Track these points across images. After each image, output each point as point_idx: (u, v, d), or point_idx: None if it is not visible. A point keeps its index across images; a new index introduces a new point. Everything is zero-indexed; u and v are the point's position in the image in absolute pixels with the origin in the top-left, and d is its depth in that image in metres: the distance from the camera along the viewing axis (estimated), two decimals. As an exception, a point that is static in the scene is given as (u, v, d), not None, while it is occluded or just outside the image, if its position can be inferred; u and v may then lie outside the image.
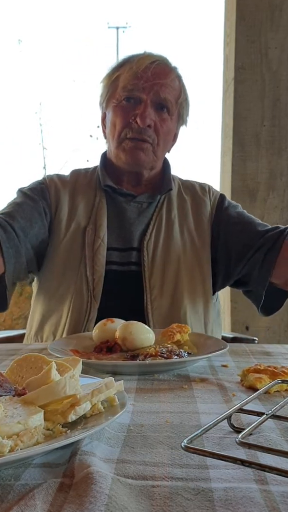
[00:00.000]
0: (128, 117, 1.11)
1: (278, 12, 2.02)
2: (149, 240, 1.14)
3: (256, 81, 2.04)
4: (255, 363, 0.70)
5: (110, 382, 0.53)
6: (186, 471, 0.41)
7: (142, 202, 1.19)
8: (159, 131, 1.12)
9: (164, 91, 1.11)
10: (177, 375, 0.72)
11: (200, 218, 1.20)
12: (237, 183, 2.08)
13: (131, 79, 1.11)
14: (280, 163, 2.07)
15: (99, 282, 1.09)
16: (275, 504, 0.36)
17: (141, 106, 1.10)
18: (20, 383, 0.54)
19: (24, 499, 0.37)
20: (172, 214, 1.19)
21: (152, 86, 1.10)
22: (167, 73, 1.13)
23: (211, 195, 1.24)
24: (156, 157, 1.15)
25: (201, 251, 1.16)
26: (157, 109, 1.12)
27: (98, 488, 0.37)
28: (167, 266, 1.12)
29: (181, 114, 1.19)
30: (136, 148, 1.12)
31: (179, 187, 1.26)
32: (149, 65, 1.10)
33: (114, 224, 1.16)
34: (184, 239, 1.17)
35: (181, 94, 1.16)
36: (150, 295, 1.09)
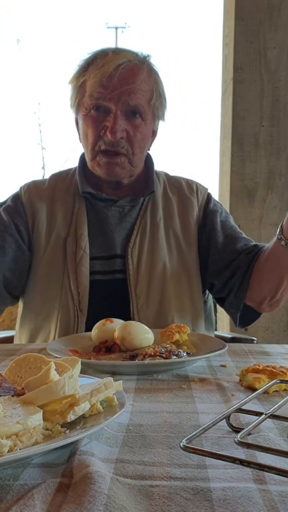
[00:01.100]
0: (98, 129, 1.05)
1: (276, 12, 2.02)
2: (133, 246, 1.09)
3: (255, 81, 2.04)
4: (254, 363, 0.70)
5: (109, 382, 0.53)
6: (185, 471, 0.41)
7: (123, 206, 1.13)
8: (132, 140, 1.06)
9: (133, 98, 1.04)
10: (176, 375, 0.72)
11: (186, 220, 1.15)
12: (236, 183, 2.09)
13: (98, 87, 1.03)
14: (279, 163, 2.08)
15: (84, 295, 1.05)
16: (274, 503, 0.36)
17: (110, 118, 1.03)
18: (19, 383, 0.54)
19: (23, 499, 0.37)
20: (157, 216, 1.14)
21: (120, 96, 1.02)
22: (135, 75, 1.04)
23: (199, 195, 1.19)
24: (133, 166, 1.10)
25: (187, 255, 1.12)
26: (128, 115, 1.05)
27: (97, 488, 0.37)
28: (152, 273, 1.08)
29: (156, 115, 1.12)
30: (111, 164, 1.07)
31: (164, 186, 1.20)
32: (114, 70, 1.02)
33: (95, 231, 1.11)
34: (170, 243, 1.12)
35: (153, 94, 1.08)
36: (136, 304, 1.05)
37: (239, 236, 1.13)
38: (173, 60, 3.34)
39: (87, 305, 1.05)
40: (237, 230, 1.16)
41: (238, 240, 1.12)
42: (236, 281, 1.06)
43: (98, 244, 1.10)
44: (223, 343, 0.81)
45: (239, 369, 0.71)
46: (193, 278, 1.12)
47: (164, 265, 1.09)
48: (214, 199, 1.22)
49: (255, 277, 1.04)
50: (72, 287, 1.05)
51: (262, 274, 1.03)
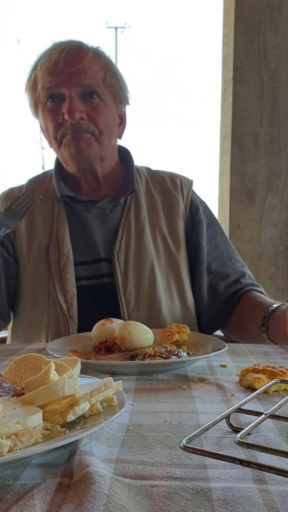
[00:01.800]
0: (57, 118, 1.02)
1: (276, 12, 2.02)
2: (119, 249, 1.06)
3: (255, 81, 2.04)
4: (253, 363, 0.70)
5: (109, 382, 0.53)
6: (184, 471, 0.41)
7: (104, 208, 1.09)
8: (94, 119, 1.02)
9: (84, 78, 1.01)
10: (176, 375, 0.72)
11: (172, 218, 1.11)
12: (236, 183, 2.09)
13: (46, 76, 1.01)
14: (279, 163, 2.08)
15: (72, 302, 1.02)
16: (274, 503, 0.36)
17: (66, 103, 1.00)
18: (19, 383, 0.54)
19: (23, 499, 0.37)
20: (141, 216, 1.10)
21: (70, 77, 1.00)
22: (82, 56, 1.02)
23: (184, 190, 1.15)
24: (103, 146, 1.05)
25: (176, 254, 1.09)
26: (85, 98, 1.02)
27: (97, 488, 0.37)
28: (141, 276, 1.05)
29: (116, 95, 1.08)
30: (76, 139, 1.02)
31: (147, 183, 1.15)
32: (59, 55, 1.00)
33: (78, 236, 1.08)
34: (157, 243, 1.09)
35: (107, 73, 1.05)
36: (126, 308, 1.03)
37: (225, 273, 1.12)
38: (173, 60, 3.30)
39: (76, 312, 1.03)
40: (223, 251, 1.15)
41: (226, 279, 1.12)
42: (210, 315, 1.11)
43: (81, 249, 1.07)
44: (223, 343, 0.81)
45: (239, 369, 0.71)
46: (183, 278, 1.09)
47: (152, 266, 1.07)
48: (198, 196, 1.19)
49: (228, 326, 1.11)
50: (59, 295, 1.02)
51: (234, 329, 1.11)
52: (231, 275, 1.12)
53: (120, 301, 1.04)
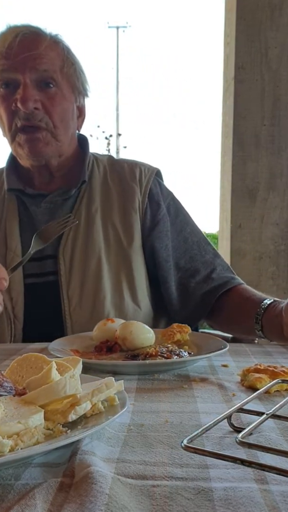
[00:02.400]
0: (10, 105, 0.97)
1: (278, 11, 2.02)
2: (65, 245, 1.01)
3: (256, 80, 2.04)
4: (255, 363, 0.70)
5: (110, 381, 0.53)
6: (186, 471, 0.41)
7: (54, 201, 1.05)
8: (49, 110, 0.97)
9: (40, 63, 0.95)
10: (177, 375, 0.72)
11: (127, 210, 1.05)
12: (237, 183, 2.09)
13: (0, 60, 0.95)
14: (280, 162, 2.08)
15: (18, 300, 0.99)
16: (275, 503, 0.36)
17: (20, 90, 0.95)
18: (20, 382, 0.54)
19: (25, 499, 0.37)
20: (92, 208, 1.04)
21: (24, 62, 0.94)
22: (38, 42, 0.96)
23: (143, 180, 1.08)
24: (59, 141, 1.01)
25: (127, 248, 1.03)
26: (41, 87, 0.97)
27: (98, 487, 0.37)
28: (86, 272, 1.00)
29: (74, 85, 1.03)
30: (32, 140, 0.98)
31: (105, 173, 1.09)
32: (13, 39, 0.95)
33: (27, 231, 1.03)
34: (108, 237, 1.03)
35: (65, 62, 1.00)
36: (68, 307, 0.99)
37: (195, 269, 1.06)
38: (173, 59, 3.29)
39: (22, 311, 0.99)
40: (193, 244, 1.09)
41: (195, 275, 1.06)
42: (187, 311, 1.05)
43: (29, 244, 1.02)
44: (224, 343, 0.81)
45: (240, 369, 0.71)
46: (134, 273, 1.04)
47: (99, 261, 1.01)
48: (164, 187, 1.12)
49: (217, 323, 1.07)
50: (4, 293, 0.96)
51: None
52: (201, 270, 1.07)
53: (62, 299, 1.00)
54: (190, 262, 1.08)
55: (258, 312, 0.91)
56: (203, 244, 1.11)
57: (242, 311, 0.97)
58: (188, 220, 1.13)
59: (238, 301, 1.01)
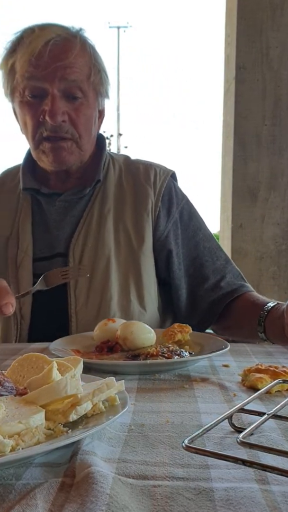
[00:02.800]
0: (37, 115, 0.97)
1: (279, 11, 2.02)
2: (76, 243, 1.01)
3: (257, 80, 2.04)
4: (256, 363, 0.70)
5: (111, 381, 0.53)
6: (187, 471, 0.41)
7: (69, 200, 1.05)
8: (75, 122, 0.98)
9: (70, 73, 0.95)
10: (178, 375, 0.72)
11: (139, 212, 1.04)
12: (238, 183, 2.08)
13: (27, 66, 0.94)
14: (281, 162, 2.07)
15: (25, 300, 0.98)
16: (276, 504, 0.36)
17: (48, 101, 0.95)
18: (21, 382, 0.54)
19: (25, 499, 0.37)
20: (105, 208, 1.04)
21: (54, 73, 0.93)
22: (68, 50, 0.95)
23: (157, 183, 1.07)
24: (82, 151, 1.02)
25: (137, 250, 1.02)
26: (68, 97, 0.97)
27: (99, 487, 0.37)
28: (95, 272, 1.00)
29: (99, 92, 1.03)
30: (57, 148, 0.98)
31: (120, 173, 1.09)
32: (43, 47, 0.93)
33: (40, 230, 1.04)
34: (119, 238, 1.03)
35: (91, 69, 0.99)
36: (75, 305, 0.99)
37: (206, 275, 1.06)
38: (174, 59, 3.27)
39: (29, 310, 1.00)
40: (204, 250, 1.08)
41: (206, 283, 1.05)
42: (196, 318, 1.06)
43: (42, 244, 1.04)
44: (225, 343, 0.81)
45: (241, 369, 0.71)
46: (143, 276, 1.03)
47: (108, 262, 1.01)
48: (178, 190, 1.11)
49: (221, 329, 1.07)
50: (13, 291, 0.97)
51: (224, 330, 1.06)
52: (210, 277, 1.06)
53: (69, 297, 0.99)
54: (200, 269, 1.07)
55: (261, 315, 0.91)
56: (215, 250, 1.10)
57: (246, 316, 0.98)
58: (201, 225, 1.12)
59: (242, 307, 1.02)
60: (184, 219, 1.10)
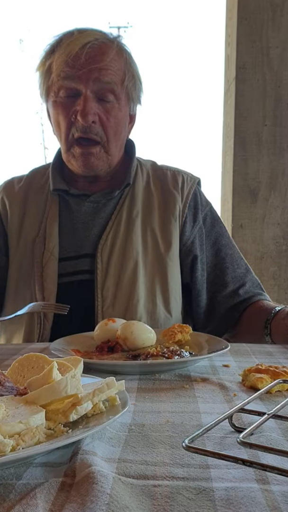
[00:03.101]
0: (69, 115, 0.99)
1: (279, 11, 2.02)
2: (104, 244, 1.02)
3: (258, 80, 2.04)
4: (256, 363, 0.70)
5: (111, 381, 0.53)
6: (187, 471, 0.41)
7: (98, 201, 1.06)
8: (105, 124, 1.00)
9: (104, 74, 0.97)
10: (178, 375, 0.72)
11: (167, 217, 1.06)
12: (239, 182, 2.08)
13: (64, 66, 0.97)
14: (282, 162, 2.07)
15: (50, 299, 0.99)
16: (276, 503, 0.36)
17: (80, 101, 0.97)
18: (21, 382, 0.54)
19: (26, 498, 0.37)
20: (134, 211, 1.05)
21: (89, 74, 0.96)
22: (104, 53, 0.97)
23: (185, 189, 1.09)
24: (110, 155, 1.04)
25: (164, 254, 1.03)
26: (100, 99, 0.99)
27: (100, 487, 0.37)
28: (122, 273, 1.00)
29: (131, 97, 1.05)
30: (86, 154, 1.00)
31: (148, 178, 1.11)
32: (80, 50, 0.96)
33: (67, 230, 1.05)
34: (146, 241, 1.04)
35: (126, 75, 1.01)
36: (101, 306, 0.99)
37: (228, 280, 1.08)
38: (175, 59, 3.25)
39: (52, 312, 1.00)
40: (227, 257, 1.10)
41: (227, 288, 1.08)
42: (212, 324, 1.08)
43: (68, 244, 1.04)
44: (225, 343, 0.81)
45: (241, 369, 0.71)
46: (169, 280, 1.04)
47: (136, 264, 1.01)
48: (203, 197, 1.14)
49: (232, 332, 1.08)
50: (37, 292, 0.99)
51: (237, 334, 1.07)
52: (230, 284, 1.08)
53: (96, 297, 1.00)
54: (220, 275, 1.09)
55: (268, 317, 0.95)
56: (236, 258, 1.12)
57: (254, 320, 1.00)
58: (223, 232, 1.13)
59: (252, 312, 1.04)
60: (208, 225, 1.11)
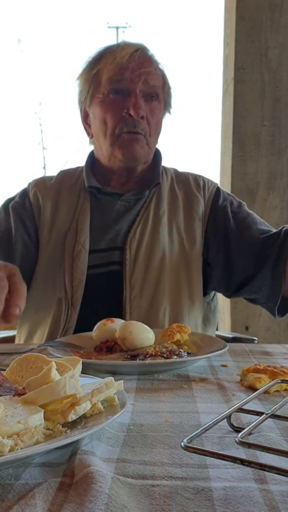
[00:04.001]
0: (120, 111, 1.06)
1: (278, 12, 2.02)
2: (133, 237, 1.09)
3: (256, 81, 2.04)
4: (254, 363, 0.70)
5: (110, 381, 0.53)
6: (185, 471, 0.41)
7: (129, 200, 1.13)
8: (150, 121, 1.09)
9: (152, 78, 1.08)
10: (177, 375, 0.72)
11: (191, 217, 1.13)
12: (237, 183, 2.09)
13: (117, 69, 1.06)
14: (280, 163, 2.08)
15: (78, 289, 1.04)
16: (275, 503, 0.36)
17: (131, 98, 1.05)
18: (20, 382, 0.54)
19: (25, 499, 0.37)
20: (160, 210, 1.13)
21: (140, 76, 1.06)
22: (151, 61, 1.10)
23: (206, 191, 1.17)
24: (150, 149, 1.12)
25: (189, 251, 1.10)
26: (146, 99, 1.08)
27: (98, 487, 0.37)
28: (150, 264, 1.07)
29: (167, 102, 1.16)
30: (133, 141, 1.07)
31: (171, 181, 1.19)
32: (133, 54, 1.06)
33: (98, 225, 1.11)
34: (172, 237, 1.11)
35: (165, 83, 1.13)
36: (129, 294, 1.05)
37: (256, 226, 1.08)
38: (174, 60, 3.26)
39: (80, 300, 1.04)
40: (254, 218, 1.12)
41: (255, 229, 1.07)
42: (267, 274, 1.00)
43: (99, 238, 1.10)
44: (224, 343, 0.81)
45: (240, 369, 0.71)
46: (193, 275, 1.09)
47: (163, 256, 1.08)
48: (225, 192, 1.20)
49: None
50: (67, 281, 1.05)
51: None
52: (260, 223, 1.11)
53: (125, 286, 1.05)
54: (251, 225, 1.10)
55: None
56: (268, 226, 1.12)
57: None
58: (251, 213, 1.15)
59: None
60: (234, 206, 1.15)
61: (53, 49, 17.90)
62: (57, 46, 19.15)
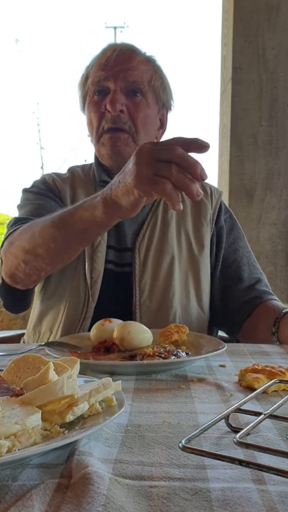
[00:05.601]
0: (100, 109, 1.08)
1: (275, 12, 2.03)
2: (142, 240, 1.11)
3: (253, 81, 2.05)
4: (253, 363, 0.70)
5: (108, 382, 0.53)
6: (183, 471, 0.41)
7: None
8: (133, 116, 1.08)
9: (131, 75, 1.08)
10: (175, 375, 0.72)
11: (199, 222, 1.15)
12: (235, 183, 2.09)
13: (97, 71, 1.09)
14: (278, 163, 2.08)
15: (97, 280, 1.06)
16: (273, 504, 0.36)
17: (110, 95, 1.07)
18: (17, 383, 0.54)
19: (22, 500, 0.37)
20: (168, 214, 1.14)
21: (117, 73, 1.07)
22: (132, 57, 1.10)
23: (213, 198, 1.19)
24: (138, 145, 1.09)
25: (197, 255, 1.12)
26: (128, 95, 1.08)
27: (96, 488, 0.37)
28: (159, 268, 1.08)
29: (159, 97, 1.14)
30: (114, 139, 1.07)
31: None
32: (111, 54, 1.09)
33: None
34: (180, 241, 1.13)
35: (153, 76, 1.12)
36: (139, 297, 1.06)
37: (241, 280, 1.13)
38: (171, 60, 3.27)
39: (98, 290, 1.06)
40: (243, 258, 1.17)
41: (238, 289, 1.13)
42: (228, 322, 1.13)
43: (112, 235, 1.12)
44: (222, 343, 0.81)
45: (238, 369, 0.71)
46: (201, 278, 1.11)
47: (172, 260, 1.09)
48: (225, 207, 1.23)
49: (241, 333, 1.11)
50: (87, 271, 1.06)
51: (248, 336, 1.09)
52: (245, 280, 1.14)
53: (134, 289, 1.06)
54: (237, 270, 1.16)
55: (278, 316, 1.00)
56: (253, 262, 1.19)
57: (265, 318, 1.04)
58: (241, 237, 1.22)
59: (264, 310, 1.08)
60: (227, 227, 1.20)
61: (51, 49, 17.91)
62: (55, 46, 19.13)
